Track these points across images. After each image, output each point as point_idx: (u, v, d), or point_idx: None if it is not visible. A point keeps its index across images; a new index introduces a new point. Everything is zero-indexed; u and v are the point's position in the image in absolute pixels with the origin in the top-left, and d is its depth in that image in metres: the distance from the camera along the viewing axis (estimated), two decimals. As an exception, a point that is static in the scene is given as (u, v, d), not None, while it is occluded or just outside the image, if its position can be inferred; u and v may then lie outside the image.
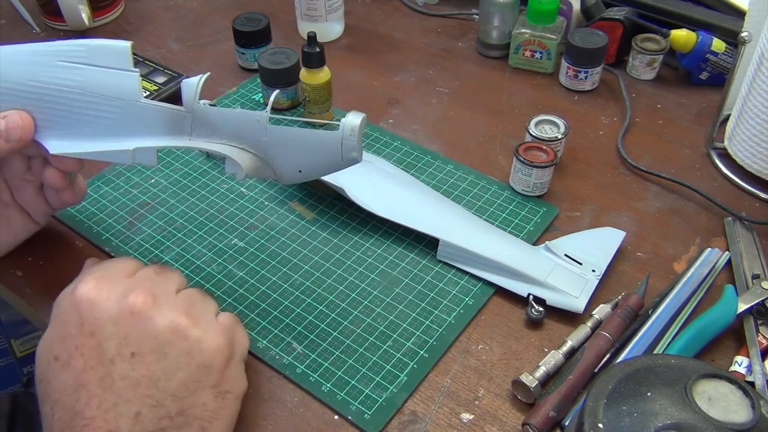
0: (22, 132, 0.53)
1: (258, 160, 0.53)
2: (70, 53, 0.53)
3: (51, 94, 0.53)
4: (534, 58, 0.86)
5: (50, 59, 0.53)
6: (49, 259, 0.64)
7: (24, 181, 0.59)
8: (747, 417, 0.40)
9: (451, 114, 0.82)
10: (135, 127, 0.53)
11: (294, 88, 0.80)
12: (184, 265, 0.63)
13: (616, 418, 0.41)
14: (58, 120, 0.54)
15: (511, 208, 0.69)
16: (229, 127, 0.53)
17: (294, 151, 0.53)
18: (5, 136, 0.53)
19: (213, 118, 0.53)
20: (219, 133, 0.53)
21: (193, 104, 0.52)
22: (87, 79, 0.53)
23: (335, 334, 0.58)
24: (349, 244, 0.66)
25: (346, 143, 0.51)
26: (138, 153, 0.53)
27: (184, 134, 0.53)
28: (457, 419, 0.53)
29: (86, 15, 0.91)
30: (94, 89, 0.53)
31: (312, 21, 0.91)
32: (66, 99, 0.53)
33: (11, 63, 0.53)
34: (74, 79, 0.53)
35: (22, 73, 0.53)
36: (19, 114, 0.53)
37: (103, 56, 0.52)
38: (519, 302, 0.60)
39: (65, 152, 0.54)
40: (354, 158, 0.52)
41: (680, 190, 0.71)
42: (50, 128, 0.54)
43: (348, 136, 0.51)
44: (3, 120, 0.53)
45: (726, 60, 0.81)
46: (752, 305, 0.58)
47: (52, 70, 0.53)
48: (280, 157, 0.53)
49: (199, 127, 0.53)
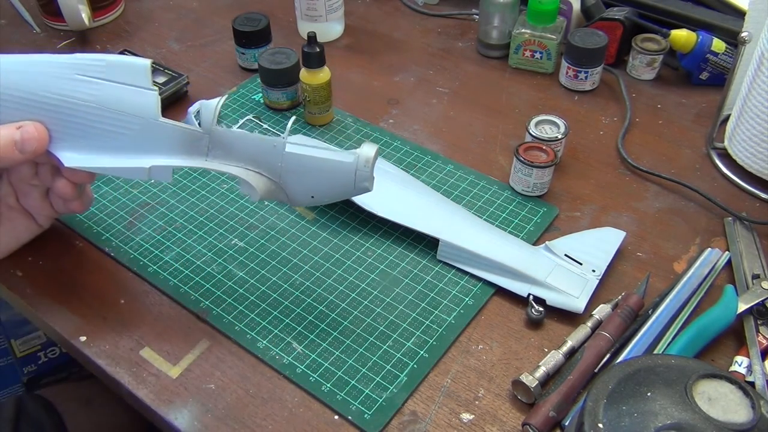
0: (38, 144, 0.53)
1: (272, 184, 0.54)
2: (89, 67, 0.53)
3: (67, 107, 0.53)
4: (534, 58, 0.86)
5: (68, 72, 0.53)
6: (49, 259, 0.64)
7: (30, 186, 0.59)
8: (747, 417, 0.40)
9: (451, 114, 0.82)
10: (151, 144, 0.53)
11: (294, 88, 0.80)
12: (184, 265, 0.63)
13: (616, 418, 0.41)
14: (74, 133, 0.54)
15: (511, 208, 0.69)
16: (245, 150, 0.53)
17: (308, 178, 0.53)
18: (20, 147, 0.53)
19: (230, 140, 0.53)
20: (235, 155, 0.53)
21: (212, 126, 0.53)
22: (105, 95, 0.52)
23: (335, 334, 0.58)
24: (349, 244, 0.66)
25: (360, 173, 0.52)
26: (154, 171, 0.53)
27: (200, 155, 0.54)
28: (457, 419, 0.53)
29: (86, 15, 0.91)
30: (111, 105, 0.52)
31: (312, 21, 0.91)
32: (82, 113, 0.53)
33: (28, 72, 0.53)
34: (92, 93, 0.52)
35: (38, 83, 0.53)
36: (35, 125, 0.53)
37: (122, 73, 0.52)
38: (519, 302, 0.60)
39: (80, 165, 0.54)
40: (366, 188, 0.53)
41: (680, 190, 0.71)
42: (64, 140, 0.54)
43: (362, 167, 0.52)
44: (18, 131, 0.53)
45: (726, 60, 0.81)
46: (752, 305, 0.58)
47: (69, 83, 0.53)
48: (294, 182, 0.54)
49: (216, 149, 0.53)
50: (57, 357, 1.02)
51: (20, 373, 1.01)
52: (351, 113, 0.81)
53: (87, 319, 0.60)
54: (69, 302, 0.61)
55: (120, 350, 0.57)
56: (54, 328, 0.59)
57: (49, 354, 1.01)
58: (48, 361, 1.02)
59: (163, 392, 0.55)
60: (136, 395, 0.55)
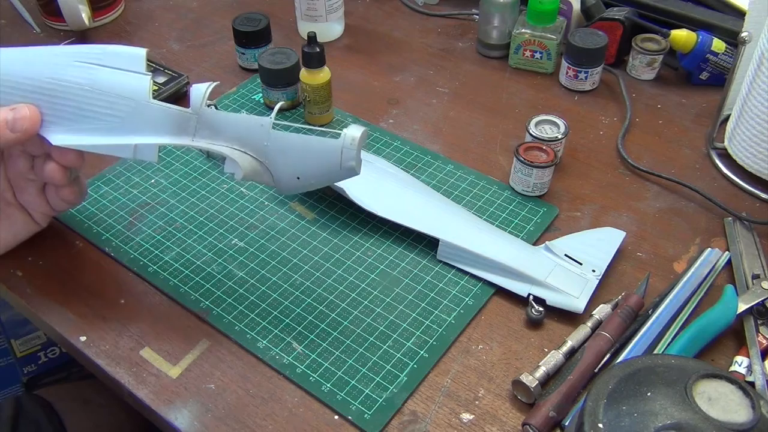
0: (29, 123, 0.54)
1: (257, 164, 0.54)
2: (86, 54, 0.54)
3: (62, 90, 0.54)
4: (534, 58, 0.86)
5: (65, 59, 0.54)
6: (49, 259, 0.64)
7: (27, 181, 0.60)
8: (747, 417, 0.40)
9: (451, 114, 0.82)
10: (141, 126, 0.54)
11: (294, 88, 0.80)
12: (184, 265, 0.63)
13: (616, 418, 0.41)
14: (67, 116, 0.55)
15: (511, 208, 0.69)
16: (232, 130, 0.54)
17: (294, 157, 0.54)
18: (11, 126, 0.53)
19: (218, 121, 0.54)
20: (222, 135, 0.54)
21: (200, 107, 0.53)
22: (99, 78, 0.54)
23: (335, 334, 0.58)
24: (349, 244, 0.66)
25: (346, 152, 0.52)
26: (140, 148, 0.54)
27: (187, 135, 0.54)
28: (457, 419, 0.53)
29: (86, 15, 0.90)
30: (105, 88, 0.54)
31: (312, 21, 0.91)
32: (76, 96, 0.54)
33: (25, 60, 0.54)
34: (87, 77, 0.54)
35: (35, 69, 0.54)
36: (28, 107, 0.54)
37: (119, 59, 0.54)
38: (519, 302, 0.60)
39: (67, 144, 0.55)
40: (352, 168, 0.53)
41: (680, 190, 0.71)
42: (58, 124, 0.55)
43: (348, 145, 0.52)
44: (11, 111, 0.54)
45: (726, 60, 0.81)
46: (752, 305, 0.58)
47: (65, 69, 0.54)
48: (280, 162, 0.54)
49: (203, 129, 0.54)
50: (57, 357, 1.02)
51: (20, 373, 1.01)
52: (351, 113, 0.81)
53: (87, 319, 0.60)
54: (69, 302, 0.61)
55: (120, 350, 0.57)
56: (54, 328, 0.59)
57: (49, 354, 1.01)
58: (48, 361, 1.02)
59: (163, 392, 0.55)
60: (136, 395, 0.55)
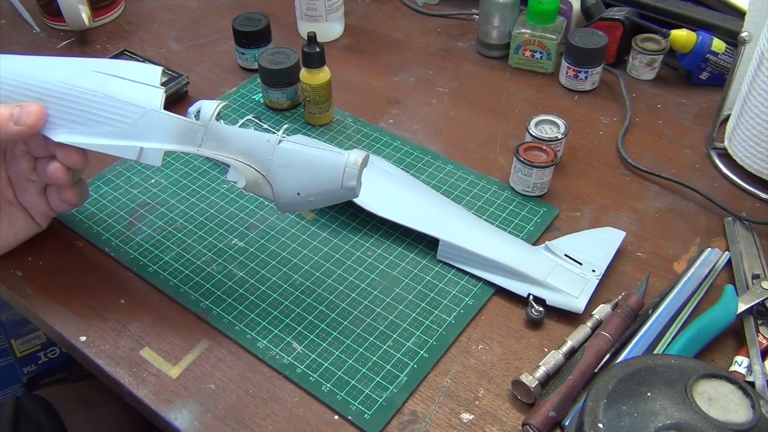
0: (35, 118, 0.54)
1: (259, 177, 0.55)
2: (104, 65, 0.56)
3: (72, 94, 0.55)
4: (534, 58, 0.86)
5: (83, 67, 0.56)
6: (49, 259, 0.64)
7: (28, 182, 0.60)
8: (747, 417, 0.40)
9: (451, 114, 0.82)
10: (148, 132, 0.54)
11: (294, 88, 0.80)
12: (184, 265, 0.63)
13: (616, 418, 0.41)
14: (74, 119, 0.55)
15: (511, 208, 0.69)
16: (239, 143, 0.55)
17: (296, 172, 0.54)
18: (16, 119, 0.54)
19: (225, 134, 0.54)
20: (228, 148, 0.55)
21: (209, 121, 0.54)
22: (113, 87, 0.55)
23: (335, 334, 0.58)
24: (349, 244, 0.66)
25: (348, 171, 0.53)
26: (145, 152, 0.54)
27: (194, 144, 0.55)
28: (457, 419, 0.53)
29: (86, 15, 0.90)
30: (116, 95, 0.54)
31: (312, 21, 0.91)
32: (86, 100, 0.55)
33: (40, 65, 0.56)
34: (101, 84, 0.55)
35: (48, 74, 0.55)
36: (35, 104, 0.55)
37: (135, 73, 0.55)
38: (519, 302, 0.60)
39: (70, 141, 0.55)
40: (352, 188, 0.53)
41: (680, 190, 0.71)
42: (63, 126, 0.55)
43: (351, 164, 0.53)
44: (18, 107, 0.54)
45: (726, 60, 0.81)
46: (752, 305, 0.58)
47: (82, 75, 0.55)
48: (282, 177, 0.55)
49: (210, 141, 0.55)
50: (57, 357, 1.02)
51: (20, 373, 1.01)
52: (351, 113, 0.81)
53: (87, 319, 0.60)
54: (69, 302, 0.61)
55: (120, 350, 0.57)
56: (54, 328, 0.59)
57: (49, 354, 1.01)
58: (48, 361, 1.02)
59: (163, 392, 0.55)
60: (136, 395, 0.55)
